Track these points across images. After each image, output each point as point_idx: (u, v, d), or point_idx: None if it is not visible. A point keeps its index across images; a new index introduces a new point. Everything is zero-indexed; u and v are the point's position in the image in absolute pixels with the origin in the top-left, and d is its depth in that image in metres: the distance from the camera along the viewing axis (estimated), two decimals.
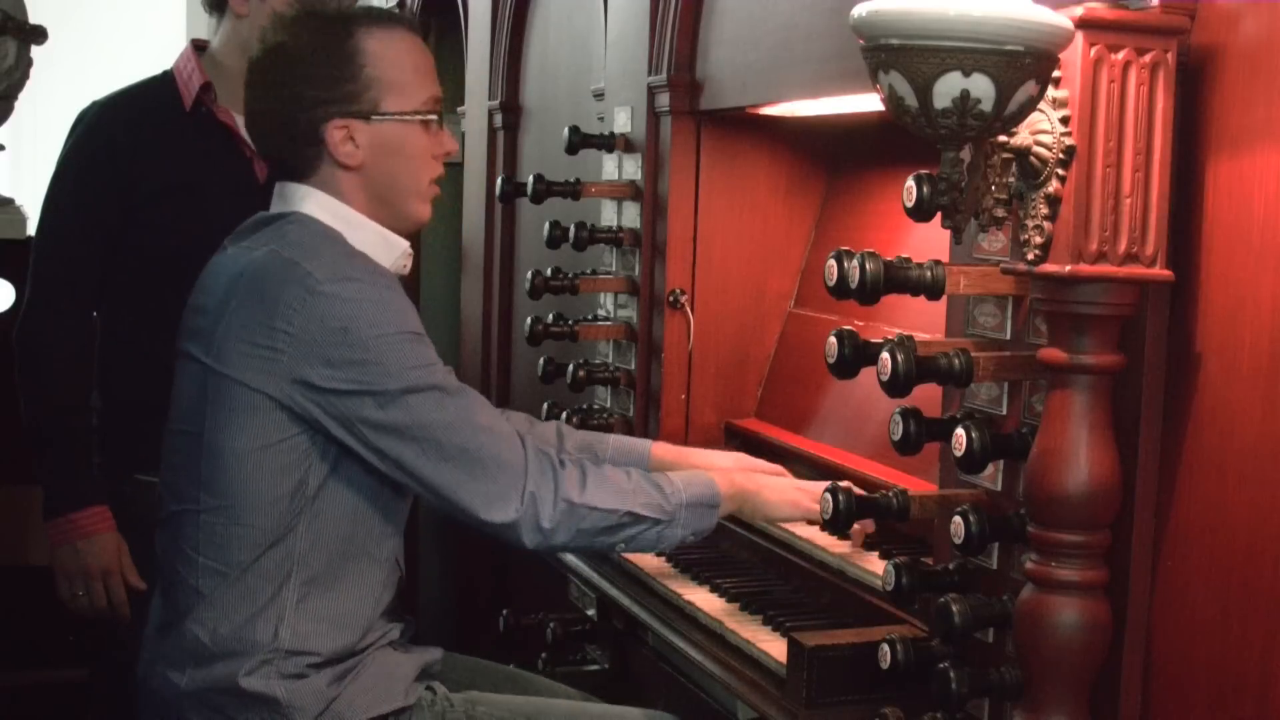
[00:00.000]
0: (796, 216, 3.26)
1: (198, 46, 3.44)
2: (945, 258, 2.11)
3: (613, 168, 3.41)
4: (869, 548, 2.57)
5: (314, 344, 2.33)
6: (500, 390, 4.18)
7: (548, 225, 3.33)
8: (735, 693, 2.41)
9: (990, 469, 2.08)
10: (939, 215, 1.87)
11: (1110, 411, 1.89)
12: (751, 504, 2.58)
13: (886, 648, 2.10)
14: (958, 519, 2.02)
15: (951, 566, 2.13)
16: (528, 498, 2.37)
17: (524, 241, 4.10)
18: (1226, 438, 1.83)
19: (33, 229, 3.70)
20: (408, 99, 2.50)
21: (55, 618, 3.51)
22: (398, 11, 2.66)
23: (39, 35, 4.16)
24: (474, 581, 4.48)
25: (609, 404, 3.39)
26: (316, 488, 2.39)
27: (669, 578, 2.79)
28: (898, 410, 2.06)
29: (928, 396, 2.10)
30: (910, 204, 1.87)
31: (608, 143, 3.36)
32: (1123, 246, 1.84)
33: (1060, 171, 1.84)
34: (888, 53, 1.75)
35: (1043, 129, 1.85)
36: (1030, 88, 1.76)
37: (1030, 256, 1.88)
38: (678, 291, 3.19)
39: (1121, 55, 1.82)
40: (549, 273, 3.32)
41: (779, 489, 2.61)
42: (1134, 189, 1.84)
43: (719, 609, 2.60)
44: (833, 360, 2.04)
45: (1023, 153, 1.87)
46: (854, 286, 1.97)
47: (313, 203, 2.48)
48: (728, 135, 3.19)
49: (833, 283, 1.98)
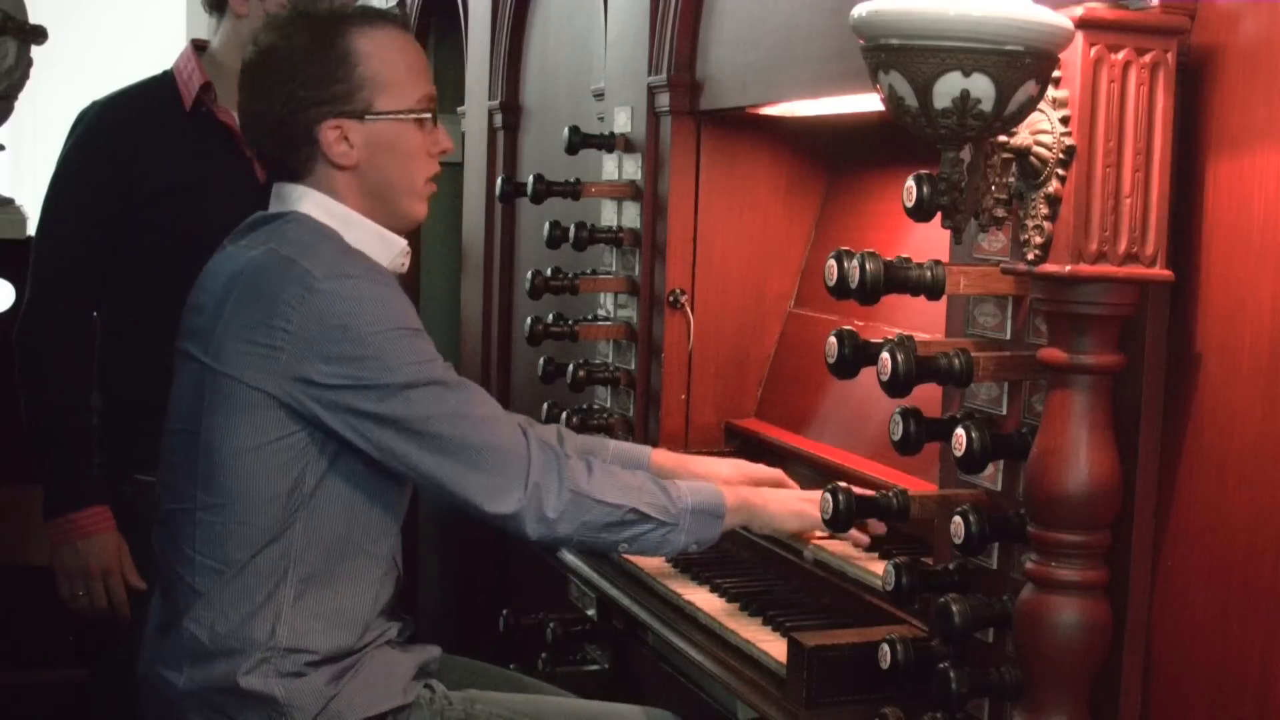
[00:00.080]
0: (796, 216, 3.26)
1: (198, 46, 3.44)
2: (945, 258, 2.11)
3: (613, 168, 3.40)
4: (869, 548, 2.57)
5: (313, 341, 2.33)
6: (500, 390, 4.17)
7: (548, 225, 3.33)
8: (735, 693, 2.41)
9: (990, 469, 2.08)
10: (939, 215, 1.87)
11: (1110, 411, 1.89)
12: (758, 517, 2.59)
13: (886, 648, 2.09)
14: (958, 519, 2.02)
15: (951, 566, 2.13)
16: (531, 488, 2.38)
17: (524, 241, 4.10)
18: (1226, 438, 1.83)
19: (33, 229, 3.69)
20: (401, 98, 2.50)
21: (55, 618, 3.50)
22: (390, 11, 2.65)
23: (39, 35, 4.16)
24: (474, 581, 4.48)
25: (609, 404, 3.39)
26: (314, 485, 2.39)
27: (669, 578, 2.79)
28: (898, 410, 2.05)
29: (928, 396, 2.09)
30: (910, 204, 1.87)
31: (608, 143, 3.36)
32: (1123, 246, 1.84)
33: (1060, 171, 1.84)
34: (888, 53, 1.75)
35: (1043, 129, 1.85)
36: (1030, 88, 1.76)
37: (1030, 256, 1.88)
38: (678, 291, 3.19)
39: (1121, 55, 1.82)
40: (549, 273, 3.32)
41: (783, 500, 2.61)
42: (1134, 189, 1.84)
43: (719, 609, 2.60)
44: (833, 360, 2.04)
45: (1023, 153, 1.87)
46: (854, 286, 1.97)
47: (309, 203, 2.49)
48: (728, 135, 3.19)
49: (833, 283, 1.98)
